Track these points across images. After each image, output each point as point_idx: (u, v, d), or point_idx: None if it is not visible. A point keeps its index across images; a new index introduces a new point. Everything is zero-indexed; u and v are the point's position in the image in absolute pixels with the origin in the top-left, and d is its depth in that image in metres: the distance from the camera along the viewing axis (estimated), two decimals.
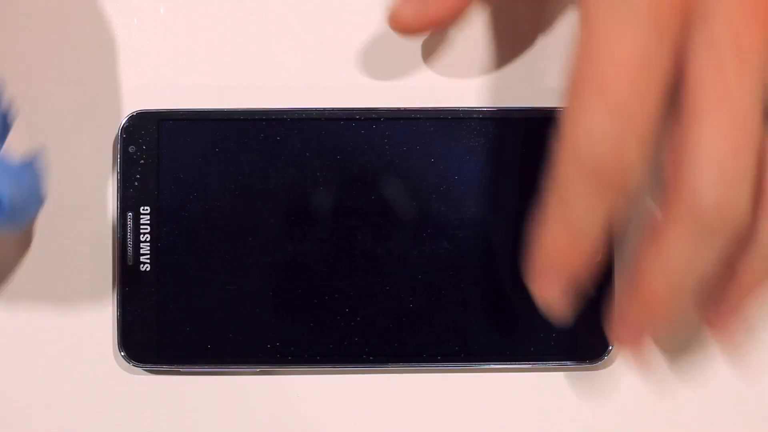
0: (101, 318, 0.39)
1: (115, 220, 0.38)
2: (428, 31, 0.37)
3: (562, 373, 0.39)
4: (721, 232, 0.30)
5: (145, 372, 0.39)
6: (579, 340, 0.38)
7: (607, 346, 0.38)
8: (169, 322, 0.38)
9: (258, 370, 0.39)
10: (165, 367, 0.38)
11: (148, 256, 0.38)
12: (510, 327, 0.38)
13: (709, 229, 0.30)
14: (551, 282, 0.32)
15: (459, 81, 0.39)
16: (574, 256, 0.32)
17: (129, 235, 0.38)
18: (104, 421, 0.39)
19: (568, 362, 0.38)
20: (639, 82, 0.29)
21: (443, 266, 0.38)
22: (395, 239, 0.38)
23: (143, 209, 0.38)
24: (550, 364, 0.38)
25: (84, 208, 0.39)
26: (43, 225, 0.38)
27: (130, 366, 0.38)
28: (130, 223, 0.38)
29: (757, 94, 0.30)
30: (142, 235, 0.38)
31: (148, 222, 0.38)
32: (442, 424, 0.39)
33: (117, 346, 0.38)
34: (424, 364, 0.38)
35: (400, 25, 0.36)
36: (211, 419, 0.39)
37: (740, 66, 0.30)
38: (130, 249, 0.38)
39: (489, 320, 0.38)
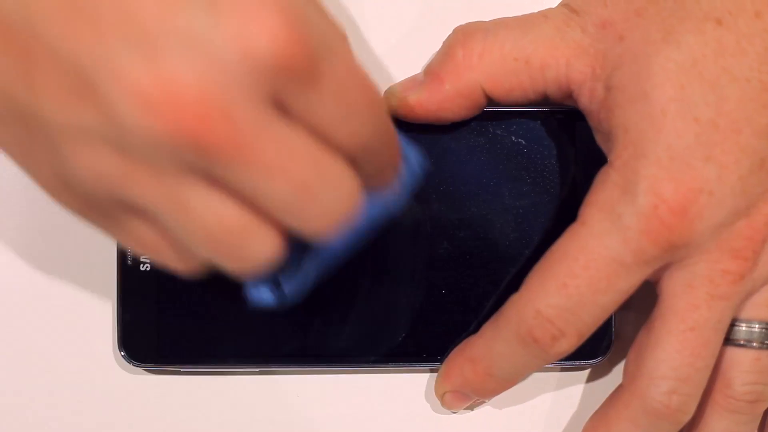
0: (101, 318, 0.39)
1: None
2: (419, 114, 0.37)
3: (562, 373, 0.39)
4: (662, 428, 0.35)
5: (145, 372, 0.39)
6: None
7: (608, 346, 0.38)
8: (169, 322, 0.38)
9: (258, 370, 0.39)
10: (165, 367, 0.38)
11: None
12: None
13: (652, 425, 0.35)
14: (459, 398, 0.37)
15: None
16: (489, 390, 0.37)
17: None
18: (104, 421, 0.39)
19: (568, 362, 0.38)
20: (599, 285, 0.33)
21: (443, 266, 0.38)
22: (394, 240, 0.38)
23: None
24: (551, 364, 0.38)
25: None
26: (44, 225, 0.38)
27: (130, 366, 0.38)
28: None
29: (723, 323, 0.34)
30: None
31: None
32: (442, 424, 0.39)
33: (117, 346, 0.38)
34: (423, 364, 0.38)
35: (390, 105, 0.37)
36: (211, 419, 0.39)
37: (712, 303, 0.34)
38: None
39: (488, 320, 0.38)
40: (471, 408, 0.39)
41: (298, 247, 0.30)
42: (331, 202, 0.28)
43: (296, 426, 0.39)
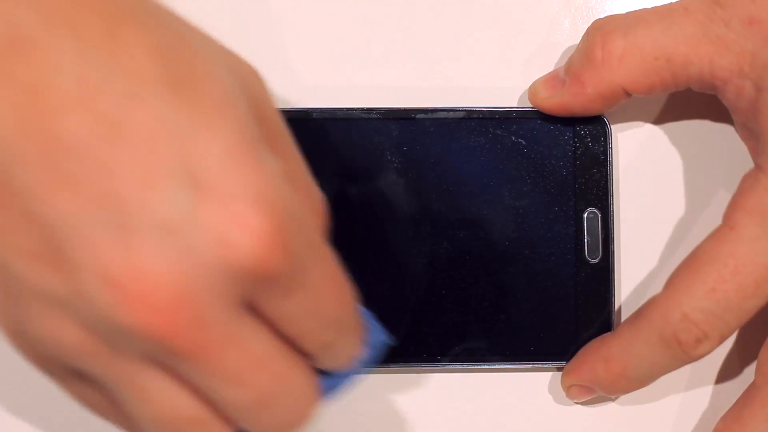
0: None
1: None
2: (564, 114, 0.37)
3: (561, 373, 0.39)
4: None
5: None
6: (579, 340, 0.38)
7: None
8: None
9: None
10: None
11: None
12: (509, 327, 0.38)
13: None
14: (585, 392, 0.38)
15: (461, 82, 0.39)
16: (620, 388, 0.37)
17: None
18: (104, 421, 0.39)
19: (568, 362, 0.38)
20: (747, 291, 0.33)
21: (443, 266, 0.38)
22: (394, 240, 0.38)
23: None
24: (550, 364, 0.38)
25: None
26: None
27: None
28: None
29: None
30: None
31: None
32: (442, 424, 0.39)
33: None
34: (424, 364, 0.38)
35: (535, 102, 0.37)
36: None
37: None
38: None
39: (489, 320, 0.38)
40: (592, 402, 0.39)
41: None
42: (290, 413, 0.27)
43: None
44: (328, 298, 0.27)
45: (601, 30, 0.36)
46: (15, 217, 0.24)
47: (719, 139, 0.39)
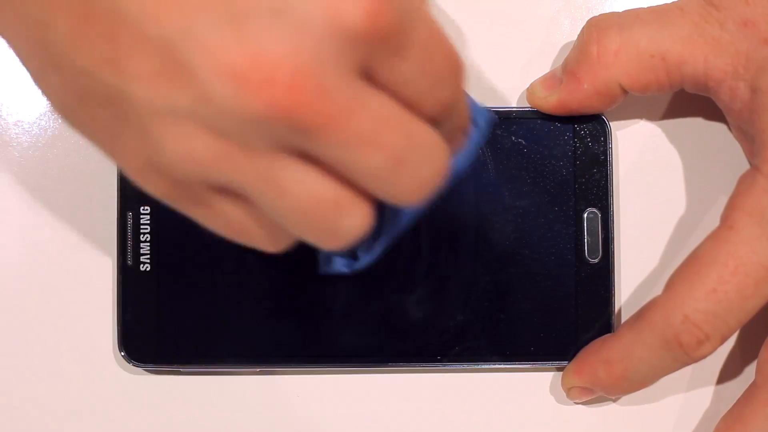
0: (101, 318, 0.39)
1: (116, 219, 0.38)
2: (562, 112, 0.37)
3: (561, 374, 0.39)
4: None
5: (145, 372, 0.39)
6: (579, 340, 0.38)
7: None
8: (169, 322, 0.38)
9: (258, 370, 0.39)
10: (165, 367, 0.38)
11: (148, 256, 0.38)
12: (509, 327, 0.38)
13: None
14: (585, 393, 0.38)
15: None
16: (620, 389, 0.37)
17: (129, 235, 0.38)
18: (104, 421, 0.39)
19: (568, 362, 0.38)
20: (747, 291, 0.34)
21: (442, 266, 0.38)
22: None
23: (143, 209, 0.38)
24: (550, 365, 0.38)
25: (85, 208, 0.39)
26: (44, 225, 0.38)
27: (130, 366, 0.38)
28: (130, 222, 0.38)
29: None
30: (142, 235, 0.38)
31: (148, 222, 0.38)
32: (442, 424, 0.39)
33: (117, 346, 0.38)
34: (424, 364, 0.38)
35: (533, 102, 0.38)
36: (211, 419, 0.39)
37: None
38: (130, 249, 0.38)
39: (489, 320, 0.38)
40: (593, 402, 0.39)
41: (377, 216, 0.29)
42: (425, 170, 0.27)
43: (296, 426, 0.39)
44: (437, 55, 0.27)
45: (597, 26, 0.36)
46: (128, 43, 0.24)
47: (719, 139, 0.39)
